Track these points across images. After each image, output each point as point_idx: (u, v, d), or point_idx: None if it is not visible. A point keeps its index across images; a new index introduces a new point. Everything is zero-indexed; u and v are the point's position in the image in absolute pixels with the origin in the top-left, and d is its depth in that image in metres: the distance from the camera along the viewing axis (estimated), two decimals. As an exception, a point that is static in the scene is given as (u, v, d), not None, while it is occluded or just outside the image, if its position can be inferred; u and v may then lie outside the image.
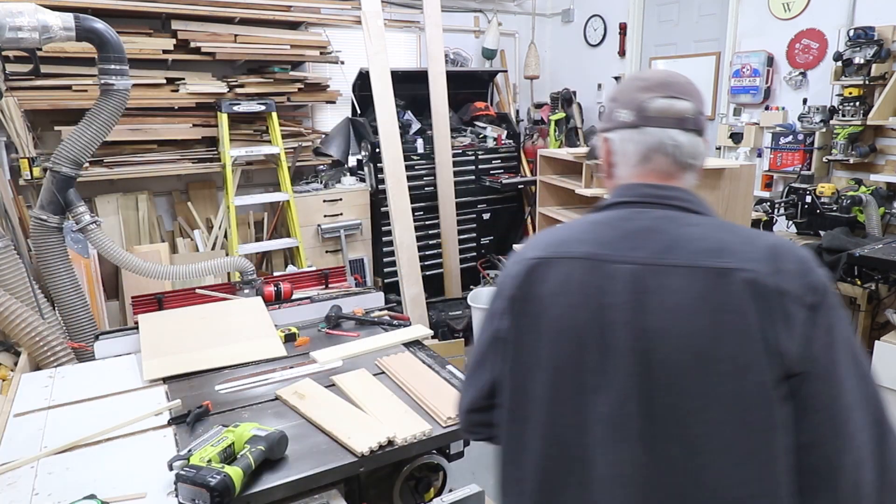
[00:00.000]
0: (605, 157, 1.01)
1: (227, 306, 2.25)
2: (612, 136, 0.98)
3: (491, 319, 0.98)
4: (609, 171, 1.01)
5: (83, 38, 2.52)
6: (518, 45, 5.70)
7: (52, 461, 1.42)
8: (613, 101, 0.99)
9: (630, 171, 0.97)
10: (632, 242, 0.88)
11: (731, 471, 0.80)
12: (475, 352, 1.02)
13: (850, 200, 3.20)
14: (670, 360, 0.82)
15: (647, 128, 0.94)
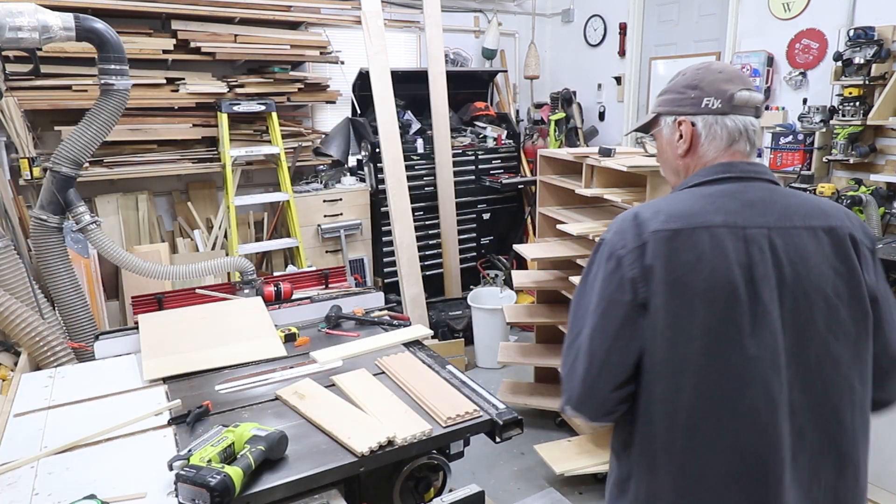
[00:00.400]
0: (689, 139, 1.15)
1: (227, 306, 2.25)
2: (697, 120, 1.14)
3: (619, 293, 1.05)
4: (691, 150, 1.16)
5: (83, 38, 2.52)
6: (518, 45, 5.70)
7: (52, 461, 1.42)
8: (696, 89, 1.14)
9: (718, 152, 1.14)
10: (757, 211, 1.06)
11: (848, 376, 1.08)
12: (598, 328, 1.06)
13: (850, 200, 3.20)
14: (806, 301, 1.04)
15: (734, 115, 1.12)
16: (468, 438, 1.66)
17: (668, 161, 1.22)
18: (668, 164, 1.23)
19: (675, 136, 1.18)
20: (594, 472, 2.71)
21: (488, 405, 1.65)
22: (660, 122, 1.22)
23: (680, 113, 1.16)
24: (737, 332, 1.01)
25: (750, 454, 1.03)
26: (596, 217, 2.80)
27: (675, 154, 1.19)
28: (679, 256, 1.03)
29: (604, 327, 1.06)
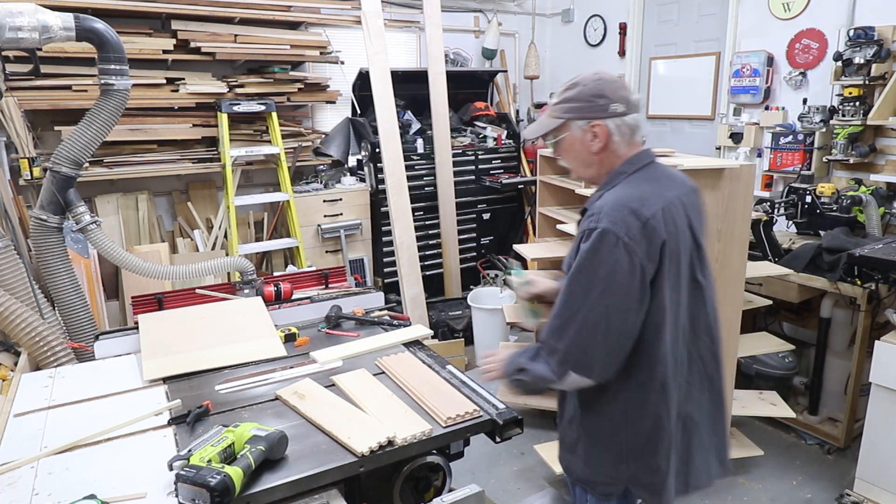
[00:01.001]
0: (604, 139, 1.39)
1: (227, 306, 2.25)
2: (609, 122, 1.38)
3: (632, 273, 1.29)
4: (605, 147, 1.40)
5: (83, 38, 2.52)
6: (518, 45, 5.70)
7: (52, 461, 1.42)
8: (603, 97, 1.38)
9: (627, 146, 1.41)
10: (672, 183, 1.44)
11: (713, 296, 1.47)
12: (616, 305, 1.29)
13: (850, 200, 3.20)
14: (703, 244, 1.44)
15: (633, 115, 1.40)
16: (468, 438, 1.66)
17: (579, 157, 1.45)
18: (579, 159, 1.46)
19: (586, 136, 1.41)
20: (594, 472, 2.71)
21: (488, 405, 1.65)
22: (569, 127, 1.42)
23: (592, 117, 1.39)
24: (698, 272, 1.42)
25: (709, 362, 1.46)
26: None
27: (587, 151, 1.43)
28: (668, 230, 1.32)
29: (621, 303, 1.29)
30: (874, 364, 2.45)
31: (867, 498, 2.53)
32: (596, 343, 1.30)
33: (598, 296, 1.29)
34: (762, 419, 3.30)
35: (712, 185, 2.41)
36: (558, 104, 1.43)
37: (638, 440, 1.40)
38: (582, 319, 1.30)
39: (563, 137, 1.44)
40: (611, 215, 1.29)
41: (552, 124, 1.44)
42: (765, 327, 3.36)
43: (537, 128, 1.49)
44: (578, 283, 1.32)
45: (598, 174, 1.45)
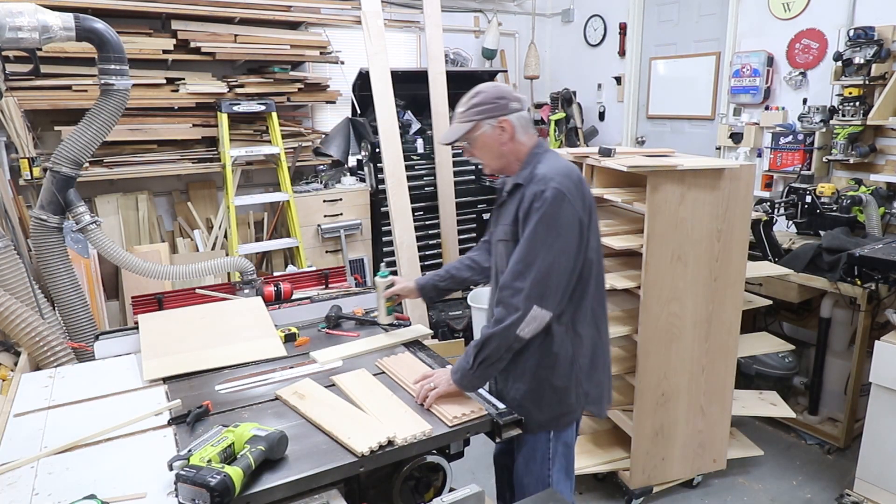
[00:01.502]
0: (511, 132, 1.69)
1: (227, 306, 2.25)
2: (512, 118, 1.68)
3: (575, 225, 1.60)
4: (512, 139, 1.70)
5: (83, 38, 2.52)
6: (518, 45, 5.70)
7: (52, 461, 1.42)
8: (503, 98, 1.68)
9: (527, 135, 1.72)
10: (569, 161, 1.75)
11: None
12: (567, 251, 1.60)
13: (850, 200, 3.20)
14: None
15: (524, 110, 1.72)
16: (468, 438, 1.66)
17: (492, 150, 1.72)
18: (492, 152, 1.72)
19: (496, 132, 1.69)
20: (594, 471, 2.71)
21: (488, 405, 1.65)
22: (480, 127, 1.69)
23: (499, 115, 1.68)
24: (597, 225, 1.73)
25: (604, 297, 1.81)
26: (596, 217, 2.81)
27: (499, 144, 1.70)
28: (587, 190, 1.67)
29: (569, 246, 1.60)
30: (874, 364, 2.45)
31: (867, 498, 2.53)
32: (552, 279, 1.59)
33: (552, 242, 1.58)
34: (762, 419, 3.30)
35: (712, 185, 2.41)
36: (467, 110, 1.70)
37: (584, 362, 1.73)
38: (541, 262, 1.57)
39: (476, 136, 1.70)
40: (555, 179, 1.60)
41: (466, 127, 1.70)
42: (765, 327, 3.36)
43: (451, 133, 1.73)
44: (536, 234, 1.58)
45: (508, 162, 1.74)
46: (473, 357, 1.62)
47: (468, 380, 1.64)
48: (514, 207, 1.67)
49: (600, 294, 1.76)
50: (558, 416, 1.74)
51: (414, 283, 2.07)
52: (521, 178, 1.68)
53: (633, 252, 2.46)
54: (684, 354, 2.55)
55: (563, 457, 1.80)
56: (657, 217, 2.35)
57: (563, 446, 1.79)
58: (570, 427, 1.79)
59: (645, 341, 2.46)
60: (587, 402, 1.76)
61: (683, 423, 2.64)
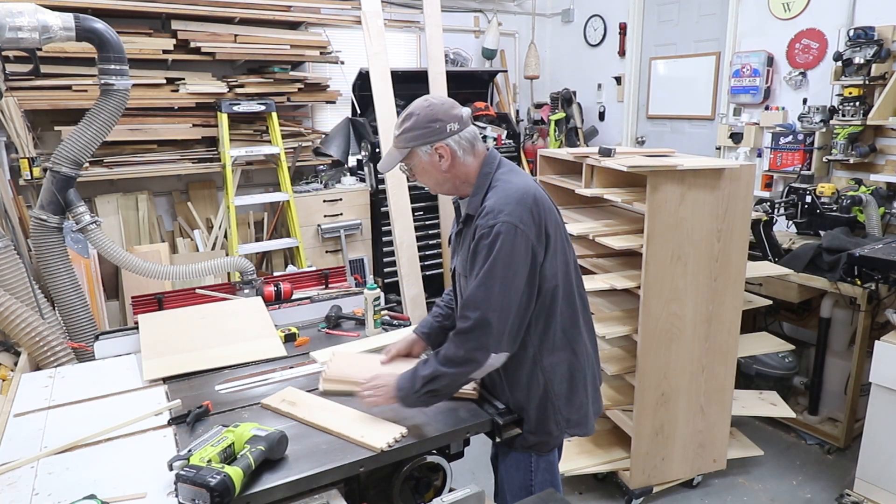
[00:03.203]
0: (450, 157, 1.57)
1: (227, 306, 2.25)
2: (450, 141, 1.56)
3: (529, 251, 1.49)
4: (453, 163, 1.58)
5: (83, 38, 2.52)
6: (518, 45, 5.70)
7: (52, 461, 1.42)
8: (438, 121, 1.56)
9: (473, 155, 1.60)
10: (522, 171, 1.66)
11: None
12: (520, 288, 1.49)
13: (850, 200, 3.20)
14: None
15: (468, 129, 1.60)
16: (468, 438, 1.66)
17: (433, 176, 1.61)
18: (433, 178, 1.62)
19: (434, 158, 1.58)
20: (594, 471, 2.71)
21: (488, 405, 1.65)
22: (416, 154, 1.58)
23: (434, 141, 1.56)
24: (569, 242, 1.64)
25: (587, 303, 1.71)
26: (596, 217, 2.80)
27: (438, 171, 1.59)
28: (546, 206, 1.54)
29: (521, 281, 1.49)
30: (874, 364, 2.45)
31: (867, 498, 2.53)
32: (508, 322, 1.49)
33: (507, 282, 1.47)
34: (762, 419, 3.30)
35: (712, 185, 2.41)
36: (400, 136, 1.60)
37: (561, 389, 1.63)
38: (496, 304, 1.47)
39: (414, 163, 1.60)
40: (504, 210, 1.48)
41: (401, 155, 1.61)
42: (765, 327, 3.36)
43: (389, 161, 1.64)
44: (490, 275, 1.47)
45: (456, 186, 1.63)
46: (421, 385, 1.51)
47: (411, 401, 1.55)
48: (468, 241, 1.56)
49: (573, 313, 1.62)
50: (537, 443, 1.66)
51: (416, 335, 1.87)
52: (472, 209, 1.57)
53: (633, 252, 2.46)
54: (684, 354, 2.55)
55: (545, 472, 1.72)
56: (657, 217, 2.35)
57: (546, 463, 1.71)
58: (550, 453, 1.71)
59: (645, 341, 2.46)
60: (568, 426, 1.67)
61: (683, 423, 2.64)
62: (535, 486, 1.70)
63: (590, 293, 2.65)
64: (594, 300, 2.80)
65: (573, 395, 1.64)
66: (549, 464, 1.72)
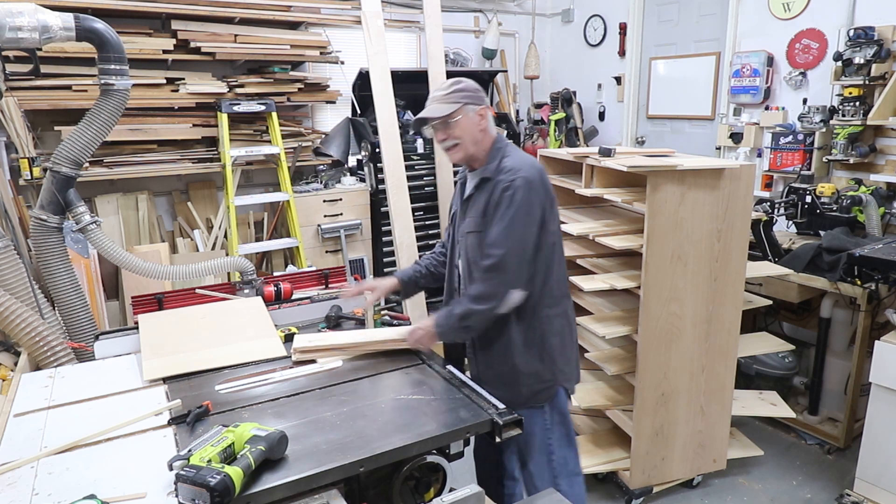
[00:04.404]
0: (487, 120, 1.86)
1: (227, 306, 2.25)
2: (487, 110, 1.87)
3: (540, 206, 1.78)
4: (486, 128, 1.86)
5: (83, 38, 2.52)
6: (518, 45, 5.70)
7: (52, 461, 1.42)
8: (479, 91, 1.87)
9: (495, 130, 1.91)
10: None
11: None
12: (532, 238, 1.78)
13: (850, 200, 3.20)
14: None
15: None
16: (468, 438, 1.66)
17: (471, 135, 1.83)
18: (470, 137, 1.83)
19: (476, 118, 1.83)
20: (594, 471, 2.71)
21: (488, 405, 1.65)
22: (465, 110, 1.81)
23: (480, 104, 1.85)
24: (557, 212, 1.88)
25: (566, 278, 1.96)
26: (596, 217, 2.80)
27: (477, 130, 1.83)
28: (549, 182, 1.83)
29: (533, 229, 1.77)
30: (874, 364, 2.45)
31: (867, 498, 2.53)
32: (524, 262, 1.77)
33: (523, 227, 1.74)
34: (762, 419, 3.30)
35: (712, 185, 2.41)
36: (452, 93, 1.81)
37: (555, 341, 1.87)
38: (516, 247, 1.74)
39: (459, 119, 1.80)
40: (522, 169, 1.76)
41: (451, 108, 1.80)
42: (765, 327, 3.37)
43: (437, 110, 1.81)
44: (512, 221, 1.73)
45: (479, 150, 1.85)
46: (457, 321, 1.80)
47: (450, 335, 1.88)
48: (483, 200, 1.81)
49: (564, 274, 1.92)
50: (537, 392, 1.87)
51: (395, 278, 2.16)
52: (488, 172, 1.82)
53: (633, 252, 2.46)
54: (684, 354, 2.55)
55: (560, 425, 1.92)
56: (657, 217, 2.35)
57: (559, 415, 1.92)
58: (557, 396, 1.90)
59: (645, 341, 2.46)
60: (563, 378, 1.90)
61: (683, 423, 2.64)
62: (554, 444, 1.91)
63: (590, 293, 2.66)
64: (594, 300, 2.80)
65: (563, 349, 1.90)
66: (562, 416, 1.92)
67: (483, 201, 1.81)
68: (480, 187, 1.84)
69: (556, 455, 1.92)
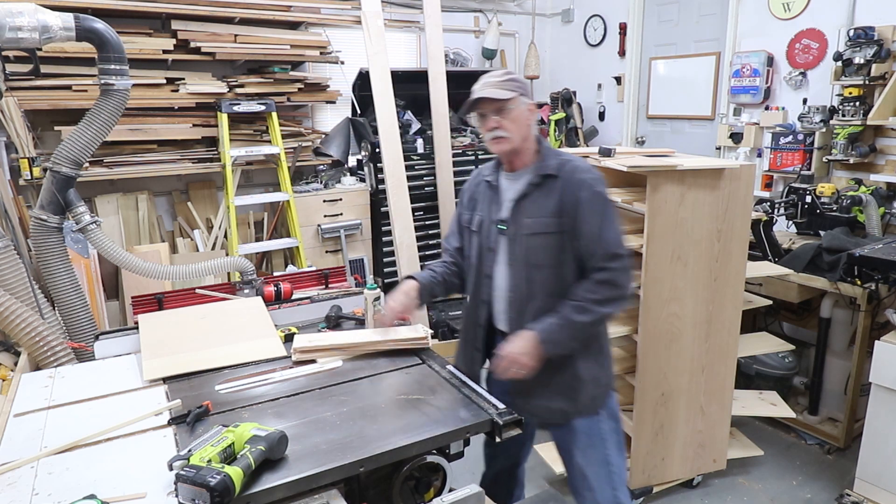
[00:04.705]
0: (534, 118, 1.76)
1: (227, 306, 2.25)
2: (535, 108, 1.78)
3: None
4: (532, 126, 1.75)
5: (83, 38, 2.52)
6: (518, 45, 5.70)
7: (52, 461, 1.42)
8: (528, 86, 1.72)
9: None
10: None
11: None
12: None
13: (850, 200, 3.20)
14: None
15: None
16: (468, 438, 1.66)
17: (522, 127, 1.71)
18: (521, 129, 1.71)
19: (527, 112, 1.72)
20: (594, 472, 2.71)
21: (488, 405, 1.65)
22: (519, 101, 1.69)
23: (531, 99, 1.74)
24: None
25: None
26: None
27: (527, 124, 1.73)
28: None
29: None
30: (874, 364, 2.45)
31: (867, 498, 2.53)
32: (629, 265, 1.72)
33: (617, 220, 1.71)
34: (762, 419, 3.30)
35: (712, 185, 2.41)
36: (508, 82, 1.69)
37: (606, 340, 1.86)
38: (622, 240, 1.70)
39: (513, 108, 1.69)
40: (589, 169, 1.71)
41: (509, 94, 1.68)
42: (765, 327, 3.36)
43: (494, 92, 1.68)
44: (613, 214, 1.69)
45: (525, 146, 1.75)
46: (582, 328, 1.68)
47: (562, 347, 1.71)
48: (554, 199, 1.69)
49: None
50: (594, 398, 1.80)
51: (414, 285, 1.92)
52: (549, 170, 1.72)
53: (633, 252, 2.46)
54: (684, 354, 2.55)
55: (615, 432, 1.85)
56: (657, 217, 2.35)
57: (613, 420, 1.86)
58: (611, 400, 1.85)
59: (645, 341, 2.46)
60: (613, 381, 1.88)
61: (683, 423, 2.64)
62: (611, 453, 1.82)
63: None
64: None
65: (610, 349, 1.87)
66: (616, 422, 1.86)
67: (555, 200, 1.69)
68: (541, 186, 1.71)
69: (614, 465, 1.82)
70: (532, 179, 1.73)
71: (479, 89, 1.71)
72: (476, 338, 1.92)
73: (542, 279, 1.74)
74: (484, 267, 1.83)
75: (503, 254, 1.79)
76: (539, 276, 1.72)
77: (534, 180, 1.72)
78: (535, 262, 1.72)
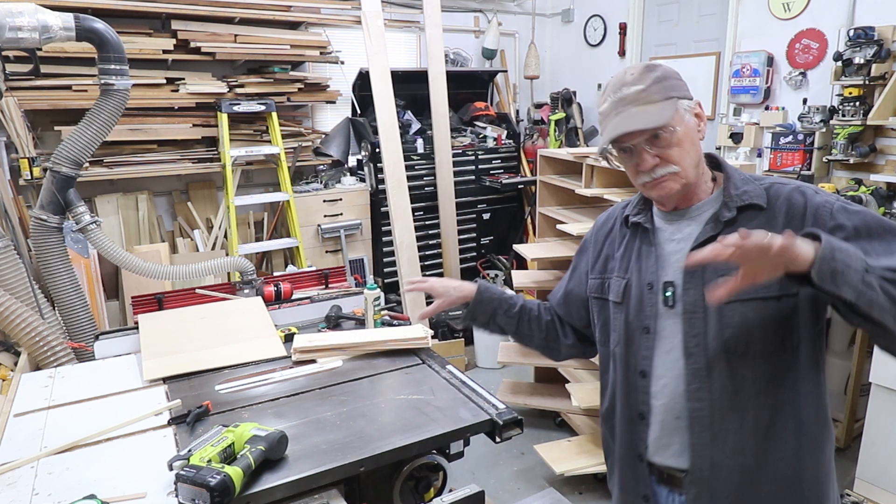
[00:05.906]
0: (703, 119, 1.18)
1: (227, 306, 2.25)
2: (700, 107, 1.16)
3: None
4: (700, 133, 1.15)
5: (83, 38, 2.52)
6: (518, 45, 5.70)
7: (52, 461, 1.42)
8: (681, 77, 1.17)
9: None
10: None
11: None
12: None
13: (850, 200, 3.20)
14: None
15: None
16: (468, 438, 1.66)
17: (693, 146, 1.11)
18: (692, 151, 1.11)
19: (694, 121, 1.12)
20: (594, 471, 2.71)
21: (488, 405, 1.65)
22: (679, 110, 1.09)
23: (691, 97, 1.11)
24: None
25: None
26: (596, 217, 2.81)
27: (697, 137, 1.12)
28: None
29: None
30: (874, 364, 2.46)
31: (867, 498, 2.53)
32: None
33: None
34: (762, 419, 3.29)
35: (712, 185, 2.40)
36: (652, 86, 1.09)
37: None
38: None
39: (676, 125, 1.10)
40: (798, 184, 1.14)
41: (660, 110, 1.07)
42: (765, 327, 3.36)
43: (644, 119, 1.08)
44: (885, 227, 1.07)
45: (698, 175, 1.15)
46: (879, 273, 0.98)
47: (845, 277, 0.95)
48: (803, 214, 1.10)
49: None
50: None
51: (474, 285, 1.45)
52: (748, 198, 1.12)
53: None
54: (684, 354, 2.54)
55: None
56: (657, 217, 2.34)
57: None
58: None
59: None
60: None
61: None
62: None
63: (590, 293, 2.66)
64: (594, 300, 2.80)
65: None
66: None
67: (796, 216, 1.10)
68: (736, 224, 1.10)
69: None
70: (721, 215, 1.12)
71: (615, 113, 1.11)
72: (639, 479, 1.23)
73: (753, 377, 1.11)
74: (635, 359, 1.20)
75: (671, 338, 1.16)
76: (747, 372, 1.11)
77: (724, 216, 1.11)
78: (739, 349, 1.10)
